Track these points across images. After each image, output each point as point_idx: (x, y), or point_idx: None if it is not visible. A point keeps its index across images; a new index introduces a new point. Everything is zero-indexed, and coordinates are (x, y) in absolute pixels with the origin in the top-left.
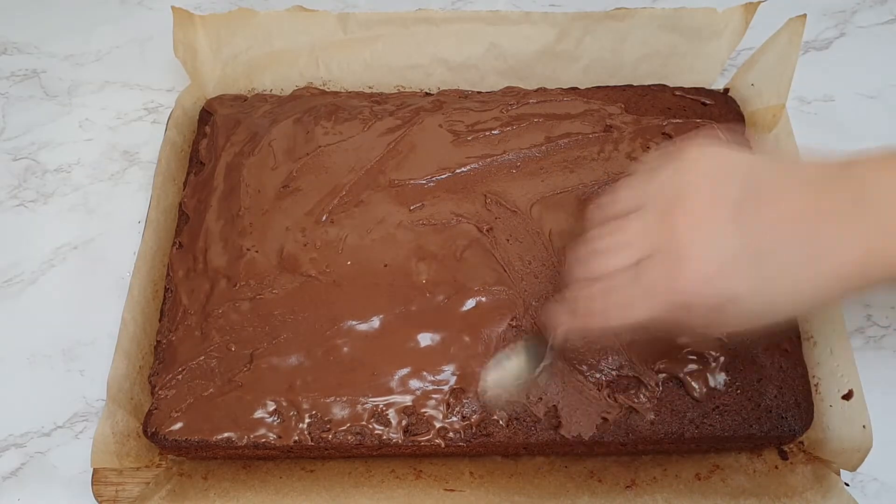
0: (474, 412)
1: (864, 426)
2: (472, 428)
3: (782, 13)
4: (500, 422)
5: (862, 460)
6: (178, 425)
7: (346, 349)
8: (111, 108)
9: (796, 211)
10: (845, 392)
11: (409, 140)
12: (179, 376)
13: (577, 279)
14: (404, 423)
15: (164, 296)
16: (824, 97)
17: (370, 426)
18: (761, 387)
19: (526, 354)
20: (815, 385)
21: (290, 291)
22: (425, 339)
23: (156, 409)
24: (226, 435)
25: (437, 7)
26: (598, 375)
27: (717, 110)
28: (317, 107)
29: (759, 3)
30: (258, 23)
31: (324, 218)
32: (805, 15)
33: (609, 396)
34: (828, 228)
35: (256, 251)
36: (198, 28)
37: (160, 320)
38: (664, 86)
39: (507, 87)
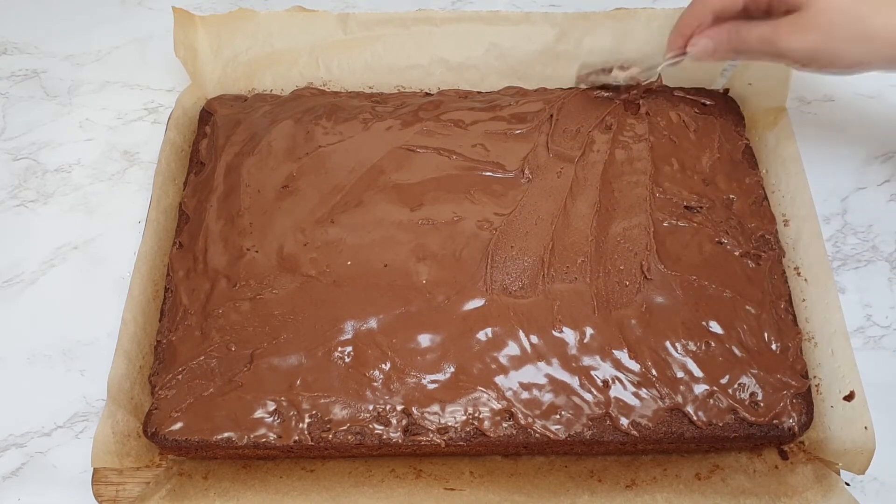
0: (475, 412)
1: (865, 427)
2: (472, 427)
3: None
4: (502, 422)
5: (868, 462)
6: (179, 425)
7: (346, 349)
8: (111, 108)
9: None
10: (846, 393)
11: (410, 141)
12: (179, 376)
13: None
14: (404, 422)
15: (165, 296)
16: (824, 97)
17: (370, 426)
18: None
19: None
20: (816, 385)
21: (291, 291)
22: (425, 339)
23: (156, 408)
24: (226, 435)
25: (437, 7)
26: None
27: (717, 110)
28: (317, 107)
29: None
30: (258, 23)
31: (324, 218)
32: None
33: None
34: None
35: (256, 251)
36: (198, 28)
37: (160, 320)
38: (664, 86)
39: (507, 87)
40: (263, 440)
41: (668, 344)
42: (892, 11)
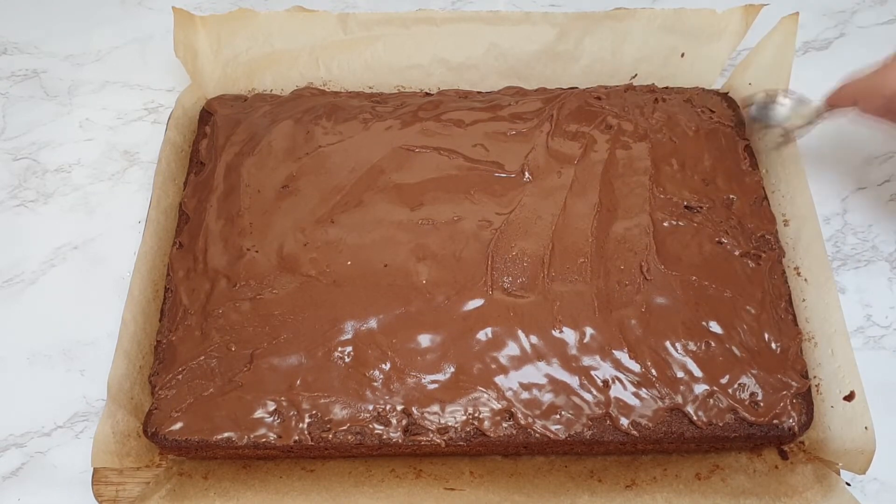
0: (475, 412)
1: (865, 427)
2: (472, 427)
3: (781, 13)
4: (502, 422)
5: (868, 462)
6: (179, 425)
7: (346, 349)
8: (111, 108)
9: None
10: (846, 393)
11: (410, 141)
12: (179, 376)
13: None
14: (404, 422)
15: (165, 296)
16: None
17: (370, 426)
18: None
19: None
20: (817, 386)
21: (290, 291)
22: (425, 339)
23: (156, 408)
24: (226, 435)
25: (437, 7)
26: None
27: (718, 110)
28: (317, 107)
29: (761, 7)
30: (258, 23)
31: (324, 218)
32: (797, 13)
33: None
34: None
35: (256, 251)
36: (198, 28)
37: (160, 320)
38: (666, 87)
39: (507, 87)
40: (263, 440)
41: (668, 344)
42: None
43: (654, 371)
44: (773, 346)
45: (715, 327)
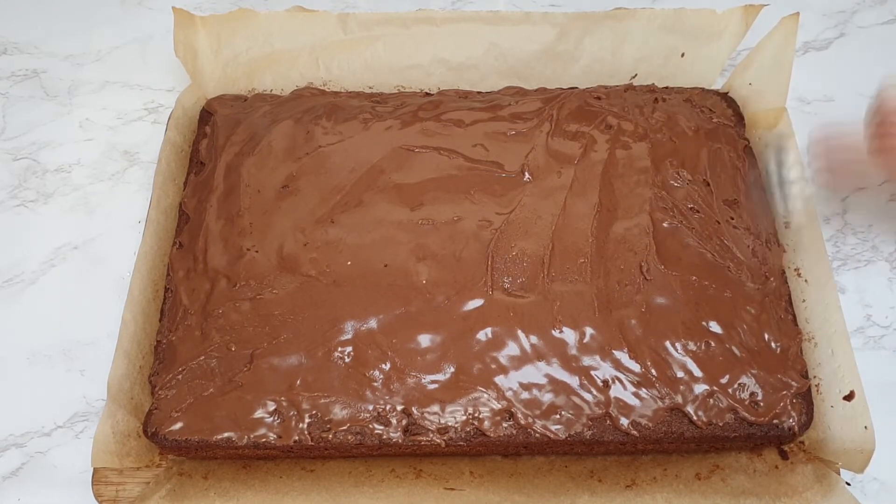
0: (475, 412)
1: (865, 427)
2: (472, 427)
3: (781, 13)
4: (502, 422)
5: (867, 462)
6: (179, 425)
7: (346, 349)
8: (111, 108)
9: None
10: (846, 393)
11: (410, 141)
12: (179, 376)
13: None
14: (404, 422)
15: (165, 296)
16: (824, 97)
17: (370, 426)
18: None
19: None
20: (816, 385)
21: (290, 291)
22: (425, 339)
23: (156, 408)
24: (226, 435)
25: (437, 7)
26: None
27: (718, 110)
28: (317, 107)
29: (761, 7)
30: (258, 23)
31: (324, 218)
32: (798, 13)
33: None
34: None
35: (256, 251)
36: (198, 28)
37: (160, 320)
38: (666, 87)
39: (507, 87)
40: (263, 440)
41: (668, 344)
42: None
43: (654, 371)
44: (773, 346)
45: (715, 327)
